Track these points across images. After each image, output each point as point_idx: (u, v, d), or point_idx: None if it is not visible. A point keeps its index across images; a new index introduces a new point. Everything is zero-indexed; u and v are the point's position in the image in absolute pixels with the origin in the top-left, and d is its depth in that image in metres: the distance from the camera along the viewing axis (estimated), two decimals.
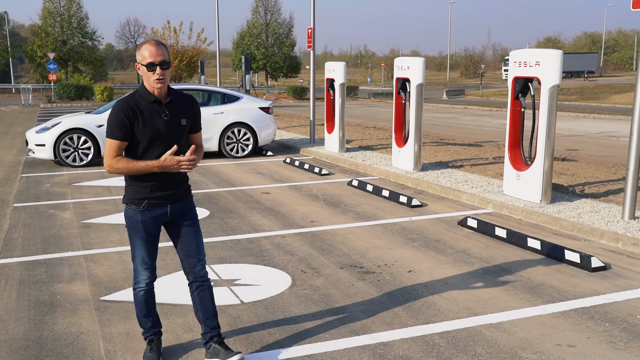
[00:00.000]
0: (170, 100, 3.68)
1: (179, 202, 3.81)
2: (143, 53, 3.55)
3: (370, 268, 5.99)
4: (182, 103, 3.75)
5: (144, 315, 3.99)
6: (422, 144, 11.14)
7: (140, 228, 3.74)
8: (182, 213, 3.85)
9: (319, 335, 4.47)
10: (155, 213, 3.74)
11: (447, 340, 4.37)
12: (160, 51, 3.55)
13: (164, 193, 3.72)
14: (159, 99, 3.64)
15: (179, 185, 3.79)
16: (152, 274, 3.93)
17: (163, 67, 3.55)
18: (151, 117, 3.60)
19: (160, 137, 3.61)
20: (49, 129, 12.44)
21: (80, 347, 4.27)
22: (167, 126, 3.63)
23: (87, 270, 5.95)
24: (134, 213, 3.73)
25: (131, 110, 3.56)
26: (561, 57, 7.87)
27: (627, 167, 7.17)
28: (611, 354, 4.13)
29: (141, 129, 3.58)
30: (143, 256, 3.85)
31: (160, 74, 3.55)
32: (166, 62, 3.56)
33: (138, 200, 3.70)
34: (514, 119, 8.66)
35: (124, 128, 3.55)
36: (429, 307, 4.98)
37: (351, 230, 7.45)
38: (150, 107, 3.62)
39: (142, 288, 3.92)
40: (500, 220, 7.84)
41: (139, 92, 3.66)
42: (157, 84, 3.57)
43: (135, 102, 3.61)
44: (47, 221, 7.96)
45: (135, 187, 3.70)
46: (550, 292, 5.28)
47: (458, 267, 6.00)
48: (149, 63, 3.53)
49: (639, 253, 6.35)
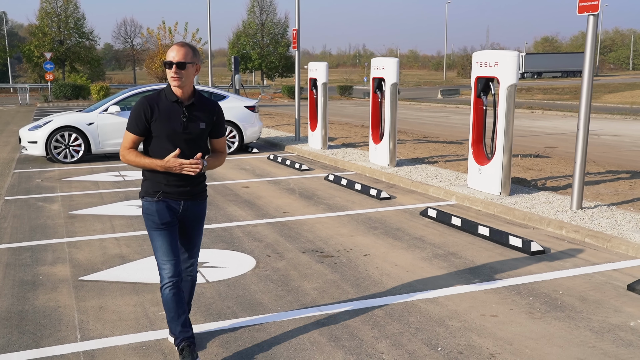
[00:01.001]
0: (192, 103, 3.77)
1: (193, 200, 3.88)
2: (168, 53, 3.71)
3: (330, 252, 6.51)
4: (204, 107, 3.82)
5: (172, 317, 3.88)
6: (397, 141, 11.65)
7: (156, 218, 3.77)
8: (194, 212, 3.93)
9: (271, 307, 4.99)
10: (170, 204, 3.80)
11: (385, 311, 4.89)
12: (182, 52, 3.67)
13: (179, 189, 3.80)
14: (181, 99, 3.74)
15: (194, 183, 3.85)
16: (177, 268, 3.81)
17: (179, 66, 3.64)
18: (170, 116, 3.70)
19: (177, 136, 3.70)
20: (41, 127, 12.95)
21: (57, 318, 4.79)
22: (185, 127, 3.72)
23: (69, 255, 6.47)
24: (149, 204, 3.79)
25: (150, 108, 3.69)
26: (518, 58, 8.39)
27: (574, 161, 7.69)
28: (526, 322, 4.66)
29: (158, 126, 3.69)
30: (163, 248, 3.79)
31: (175, 72, 3.64)
32: (182, 62, 3.65)
33: (153, 192, 3.78)
34: (476, 117, 9.18)
35: (140, 124, 3.69)
36: (375, 285, 5.50)
37: (319, 220, 7.97)
38: (171, 107, 3.72)
39: (167, 284, 3.81)
40: (461, 211, 8.37)
41: (165, 90, 3.78)
42: (173, 81, 3.68)
43: (158, 100, 3.73)
44: (36, 212, 8.48)
45: (152, 182, 3.80)
46: (488, 272, 5.81)
47: (411, 251, 6.52)
48: (168, 61, 3.67)
49: (579, 239, 6.87)
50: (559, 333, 4.45)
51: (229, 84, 27.94)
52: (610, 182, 9.89)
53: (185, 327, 3.90)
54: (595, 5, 7.19)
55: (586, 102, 7.50)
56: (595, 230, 6.84)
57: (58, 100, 38.69)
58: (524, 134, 19.33)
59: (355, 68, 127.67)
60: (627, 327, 4.55)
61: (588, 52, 7.42)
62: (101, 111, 13.27)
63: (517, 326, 4.59)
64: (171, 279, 3.78)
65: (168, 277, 3.79)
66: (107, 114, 13.17)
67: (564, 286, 5.42)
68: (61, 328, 4.60)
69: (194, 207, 3.90)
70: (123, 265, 6.10)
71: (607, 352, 4.14)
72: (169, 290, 3.80)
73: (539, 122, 25.07)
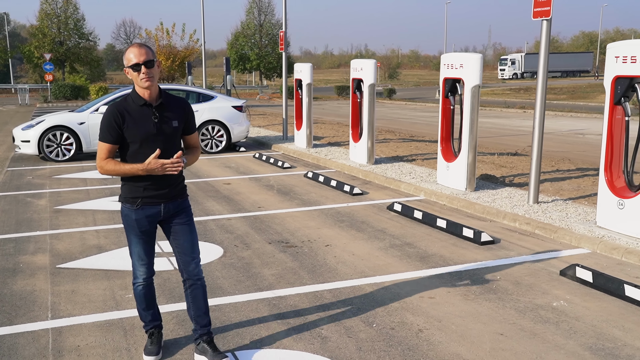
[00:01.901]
0: (160, 103, 3.78)
1: (173, 201, 3.90)
2: (128, 56, 3.67)
3: (295, 243, 6.95)
4: (173, 105, 3.84)
5: (143, 309, 4.13)
6: (380, 140, 12.09)
7: (135, 226, 3.85)
8: (177, 212, 3.94)
9: (230, 291, 5.43)
10: (149, 212, 3.84)
11: (333, 294, 5.33)
12: (144, 51, 3.66)
13: (158, 192, 3.82)
14: (149, 101, 3.75)
15: (172, 184, 3.88)
16: (149, 270, 4.04)
17: (147, 65, 3.64)
18: (141, 119, 3.70)
19: (151, 138, 3.71)
20: (33, 126, 13.42)
21: (31, 300, 5.24)
22: (158, 128, 3.73)
23: (50, 246, 6.92)
24: (128, 211, 3.85)
25: (120, 115, 3.68)
26: (481, 60, 8.82)
27: (531, 158, 8.12)
28: (459, 303, 5.09)
29: (131, 132, 3.69)
30: (139, 253, 3.96)
31: (146, 73, 3.64)
32: (150, 60, 3.65)
33: (132, 199, 3.81)
34: (445, 116, 9.61)
35: (112, 132, 3.68)
36: (329, 272, 5.94)
37: (291, 214, 8.41)
38: (141, 110, 3.72)
39: (140, 283, 4.04)
40: (427, 205, 8.80)
41: (131, 95, 3.77)
42: (145, 82, 3.66)
43: (126, 106, 3.72)
44: (23, 207, 8.93)
45: (130, 186, 3.82)
46: (437, 260, 6.24)
47: (370, 242, 6.96)
48: (134, 64, 3.64)
49: (530, 230, 7.30)
50: (486, 312, 4.89)
51: (221, 84, 28.40)
52: (576, 179, 10.32)
53: (154, 316, 4.20)
54: (548, 10, 7.62)
55: (541, 102, 7.92)
56: (544, 222, 7.27)
57: (57, 100, 39.17)
58: (510, 133, 19.75)
59: None
60: (550, 306, 4.99)
61: (542, 55, 7.85)
62: (92, 111, 13.73)
63: (449, 306, 5.02)
64: (145, 279, 4.03)
65: (143, 278, 4.03)
66: (98, 113, 13.62)
67: (503, 272, 5.85)
68: (34, 309, 5.05)
69: (175, 206, 3.93)
70: (99, 255, 6.55)
71: (524, 328, 4.58)
72: (142, 287, 4.06)
73: (529, 121, 25.37)
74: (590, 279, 5.39)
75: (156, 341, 4.16)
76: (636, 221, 6.43)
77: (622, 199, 6.60)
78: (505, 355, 4.15)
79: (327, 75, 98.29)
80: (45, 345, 4.36)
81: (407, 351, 4.22)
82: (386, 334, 4.50)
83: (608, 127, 6.78)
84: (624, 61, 6.44)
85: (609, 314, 4.83)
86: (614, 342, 4.33)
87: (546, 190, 9.22)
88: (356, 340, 4.39)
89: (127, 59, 3.69)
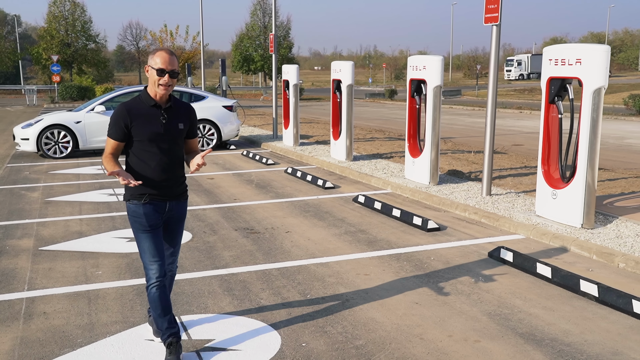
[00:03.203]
0: (169, 106, 3.97)
1: (176, 200, 4.08)
2: (156, 59, 3.82)
3: (258, 230, 7.61)
4: (180, 109, 4.04)
5: (159, 314, 4.04)
6: (352, 138, 12.71)
7: (143, 220, 3.94)
8: (178, 211, 4.13)
9: (189, 269, 6.08)
10: (157, 206, 3.98)
11: (281, 272, 5.97)
12: (174, 61, 3.86)
13: (164, 190, 3.99)
14: (159, 103, 3.92)
15: (176, 184, 4.06)
16: (161, 268, 3.99)
17: (172, 75, 3.85)
18: (150, 119, 3.87)
19: (158, 138, 3.88)
20: (32, 125, 14.15)
21: (12, 276, 5.92)
22: (165, 128, 3.91)
23: (36, 232, 7.61)
24: (135, 207, 3.95)
25: (129, 114, 3.85)
26: (442, 62, 9.44)
27: (484, 153, 8.73)
28: (389, 278, 5.73)
29: (139, 131, 3.84)
30: (150, 249, 3.97)
31: (168, 82, 3.84)
32: (175, 72, 3.87)
33: (139, 195, 3.94)
34: (411, 114, 10.24)
35: (119, 130, 3.84)
36: (282, 253, 6.59)
37: (263, 205, 9.07)
38: (150, 111, 3.90)
39: (154, 284, 3.98)
40: (391, 198, 9.43)
41: (142, 96, 3.94)
42: (162, 89, 3.86)
43: (136, 105, 3.90)
44: (17, 199, 9.64)
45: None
46: (382, 244, 6.88)
47: (328, 229, 7.60)
48: (160, 69, 3.81)
49: (477, 219, 7.92)
50: (409, 284, 5.53)
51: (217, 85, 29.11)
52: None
53: (171, 323, 4.07)
54: (496, 17, 8.23)
55: (492, 103, 8.53)
56: (490, 212, 7.89)
57: (64, 101, 40.05)
58: (499, 133, 20.24)
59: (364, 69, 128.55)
60: (469, 282, 5.61)
61: (492, 58, 8.46)
62: (88, 110, 14.46)
63: (379, 281, 5.66)
64: (158, 279, 3.96)
65: (155, 277, 3.96)
66: (94, 113, 14.34)
67: (438, 254, 6.48)
68: (13, 282, 5.73)
69: (178, 207, 4.10)
70: (79, 239, 7.22)
71: (438, 298, 5.20)
72: (156, 289, 3.98)
73: (522, 122, 26.03)
74: (511, 259, 6.01)
75: (175, 351, 4.02)
76: (566, 210, 7.04)
77: (555, 190, 7.21)
78: (413, 319, 4.79)
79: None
80: (19, 310, 5.03)
81: (329, 316, 4.86)
82: (316, 303, 5.14)
83: (544, 124, 7.39)
84: (556, 63, 7.05)
85: (517, 288, 5.45)
86: (511, 310, 4.96)
87: (506, 184, 9.83)
88: (289, 308, 5.04)
89: (154, 60, 3.83)
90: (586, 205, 6.87)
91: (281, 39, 56.27)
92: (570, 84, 7.07)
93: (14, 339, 4.50)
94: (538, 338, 4.44)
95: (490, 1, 8.27)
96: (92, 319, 4.85)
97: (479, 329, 4.60)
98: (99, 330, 4.65)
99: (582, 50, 6.72)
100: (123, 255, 6.53)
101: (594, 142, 6.76)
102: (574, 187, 6.95)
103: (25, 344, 4.40)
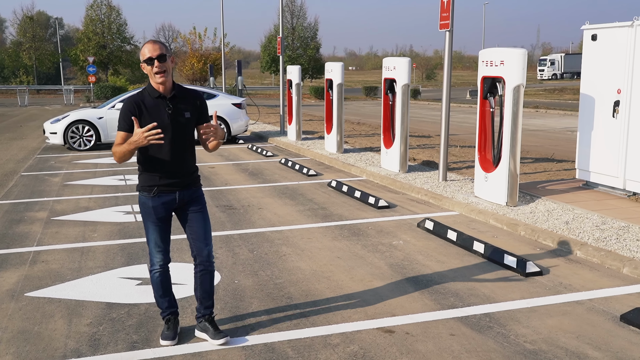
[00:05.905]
0: (174, 95, 4.04)
1: (187, 189, 4.15)
2: (143, 52, 3.94)
3: (236, 207, 8.94)
4: (186, 97, 4.10)
5: (160, 295, 4.30)
6: (343, 133, 13.97)
7: (152, 213, 4.10)
8: (190, 200, 4.20)
9: None
10: (165, 199, 4.10)
11: (240, 236, 7.28)
12: (157, 46, 3.91)
13: (173, 181, 4.08)
14: (163, 94, 4.00)
15: (186, 174, 4.16)
16: (166, 256, 4.24)
17: (160, 60, 3.89)
18: (156, 111, 3.97)
19: (165, 128, 3.93)
20: (60, 120, 15.78)
21: (25, 237, 7.36)
22: (172, 119, 4.00)
23: (51, 207, 9.08)
24: (145, 199, 4.10)
25: (136, 106, 3.95)
26: (409, 63, 10.65)
27: (440, 144, 9.91)
28: (327, 241, 6.98)
29: (146, 122, 3.88)
30: (156, 240, 4.18)
31: (159, 66, 3.89)
32: (163, 55, 3.89)
33: (149, 187, 4.07)
34: (385, 110, 11.46)
35: (128, 120, 3.92)
36: (249, 224, 7.89)
37: (248, 189, 10.40)
38: (155, 102, 3.99)
39: (157, 270, 4.22)
40: (363, 184, 10.67)
41: (147, 89, 4.04)
42: (159, 77, 3.92)
43: (142, 98, 4.00)
44: (40, 183, 11.17)
45: (146, 175, 4.09)
46: (334, 218, 8.14)
47: (295, 207, 8.88)
48: (148, 58, 3.89)
49: (425, 200, 9.12)
50: (340, 246, 6.79)
51: (232, 84, 30.61)
52: None
53: (171, 302, 4.37)
54: (448, 23, 9.41)
55: (446, 100, 9.72)
56: (437, 194, 9.08)
57: (99, 100, 42.04)
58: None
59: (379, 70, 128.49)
60: (389, 244, 6.85)
61: (446, 60, 9.65)
62: (109, 107, 16.02)
63: (317, 243, 6.93)
64: (161, 266, 4.23)
65: (159, 265, 4.21)
66: (114, 109, 15.89)
67: (377, 225, 7.71)
68: (25, 241, 7.17)
69: (190, 194, 4.19)
70: (85, 212, 8.66)
71: (357, 254, 6.45)
72: (159, 274, 4.24)
73: (534, 120, 26.86)
74: (431, 228, 7.23)
75: (172, 327, 4.32)
76: (495, 190, 8.21)
77: (487, 174, 8.38)
78: (330, 267, 6.05)
79: (367, 77, 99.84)
80: (26, 259, 6.46)
81: (265, 264, 6.16)
82: (258, 256, 6.44)
83: (480, 117, 8.56)
84: (488, 64, 8.23)
85: (426, 248, 6.67)
86: (411, 262, 6.19)
87: (467, 172, 10.98)
88: (235, 260, 6.35)
89: (142, 55, 3.96)
90: (510, 186, 8.02)
91: (309, 39, 57.69)
92: (499, 82, 8.22)
93: (19, 276, 5.91)
94: (419, 280, 5.67)
95: (444, 10, 9.46)
96: (81, 265, 6.24)
97: (377, 274, 5.85)
98: (85, 271, 6.03)
99: (505, 54, 7.88)
100: (118, 224, 7.93)
101: (515, 132, 7.92)
102: (499, 171, 8.12)
103: (27, 279, 5.81)
